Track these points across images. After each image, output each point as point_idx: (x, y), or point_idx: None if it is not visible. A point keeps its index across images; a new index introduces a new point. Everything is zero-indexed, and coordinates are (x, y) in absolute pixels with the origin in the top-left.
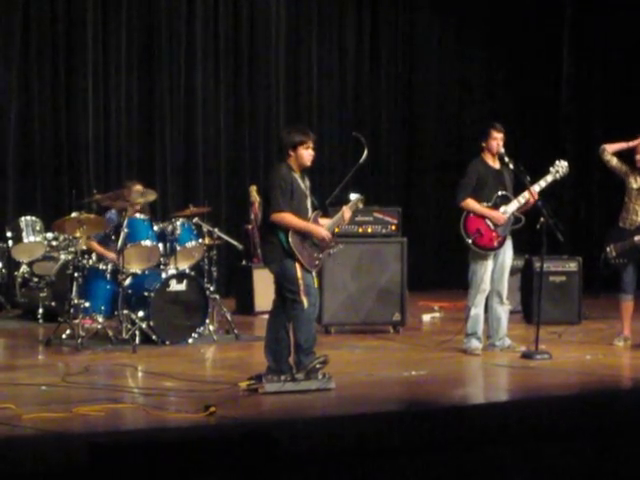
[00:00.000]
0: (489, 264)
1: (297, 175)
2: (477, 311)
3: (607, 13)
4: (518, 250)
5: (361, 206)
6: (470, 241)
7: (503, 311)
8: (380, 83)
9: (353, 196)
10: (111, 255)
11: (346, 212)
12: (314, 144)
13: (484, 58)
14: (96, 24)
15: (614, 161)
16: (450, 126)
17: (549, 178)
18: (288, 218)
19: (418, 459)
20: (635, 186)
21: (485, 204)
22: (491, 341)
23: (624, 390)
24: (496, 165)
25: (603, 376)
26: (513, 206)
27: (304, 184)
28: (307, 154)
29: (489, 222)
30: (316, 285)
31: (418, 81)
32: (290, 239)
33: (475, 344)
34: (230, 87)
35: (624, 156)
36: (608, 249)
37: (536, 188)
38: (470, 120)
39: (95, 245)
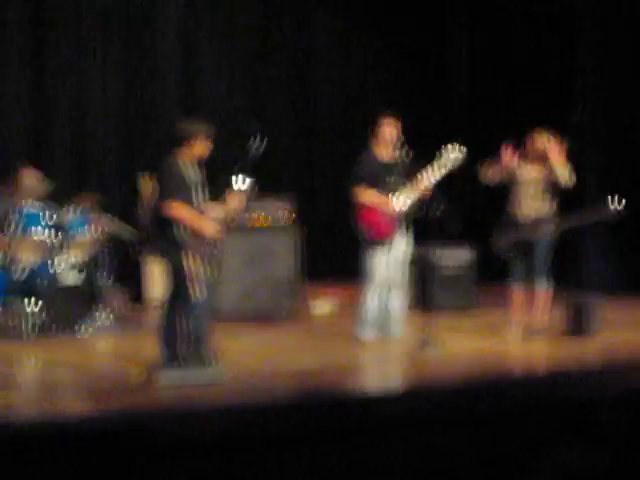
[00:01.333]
0: (384, 254)
1: (189, 166)
2: (372, 302)
3: None
4: (413, 240)
5: (247, 190)
6: (364, 233)
7: (398, 301)
8: (275, 67)
9: (243, 181)
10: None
11: (235, 199)
12: (210, 136)
13: (377, 46)
14: None
15: (496, 178)
16: (346, 114)
17: (443, 170)
18: (177, 208)
19: (308, 450)
20: (528, 178)
21: (378, 194)
22: (385, 330)
23: (515, 379)
24: (389, 154)
25: (494, 365)
26: (407, 195)
27: (196, 175)
28: (201, 146)
29: (382, 212)
30: (207, 275)
31: (314, 60)
32: (182, 230)
33: (368, 333)
34: (122, 71)
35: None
36: (494, 241)
37: (431, 179)
38: (366, 108)
39: None
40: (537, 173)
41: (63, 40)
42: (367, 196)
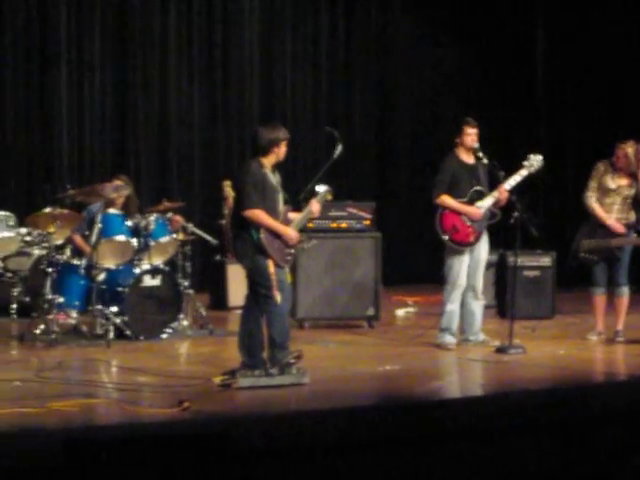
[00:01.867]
0: (465, 259)
1: (268, 171)
2: (452, 307)
3: (581, 6)
4: (492, 245)
5: (330, 198)
6: (446, 237)
7: (478, 306)
8: (354, 78)
9: (321, 188)
10: (89, 250)
11: (314, 205)
12: (288, 141)
13: (458, 52)
14: (69, 16)
15: (591, 192)
16: (424, 121)
17: (524, 172)
18: (260, 216)
19: (391, 454)
20: (613, 186)
21: (460, 200)
22: (465, 336)
23: (597, 385)
24: (470, 160)
25: (576, 371)
26: (488, 201)
27: (275, 179)
28: (281, 152)
29: (464, 218)
30: (289, 280)
31: (392, 76)
32: (261, 235)
33: (449, 339)
34: (204, 82)
35: (603, 154)
36: (580, 245)
37: (511, 183)
38: (444, 115)
39: (78, 239)
40: (625, 182)
41: (146, 51)
42: (451, 201)
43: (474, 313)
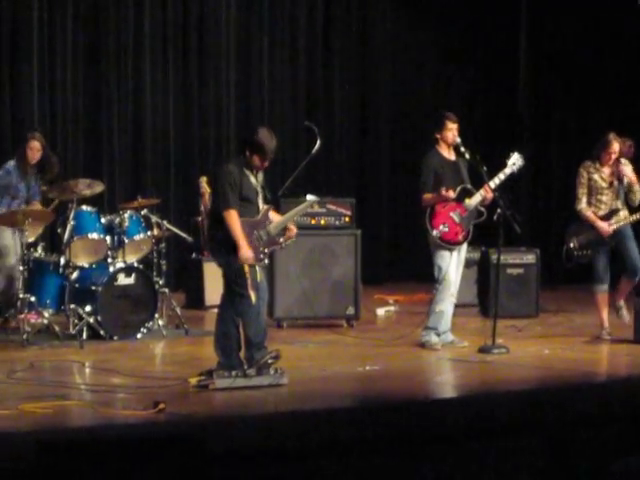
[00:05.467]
0: (452, 259)
1: (248, 171)
2: (442, 307)
3: (565, 5)
4: (475, 242)
5: (315, 207)
6: (437, 235)
7: (450, 305)
8: (334, 71)
9: (310, 197)
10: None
11: (291, 224)
12: (271, 160)
13: (439, 49)
14: (41, 14)
15: (583, 202)
16: (404, 118)
17: (507, 171)
18: (232, 219)
19: (372, 455)
20: (604, 184)
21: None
22: (445, 336)
23: (583, 385)
24: (452, 156)
25: (561, 370)
26: (476, 199)
27: (256, 179)
28: (263, 162)
29: (454, 216)
30: (260, 279)
31: (371, 71)
32: None
33: (435, 339)
34: (179, 77)
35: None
36: (571, 243)
37: (496, 181)
38: (426, 111)
39: None
40: (611, 176)
41: (120, 48)
42: (431, 196)
43: (447, 312)
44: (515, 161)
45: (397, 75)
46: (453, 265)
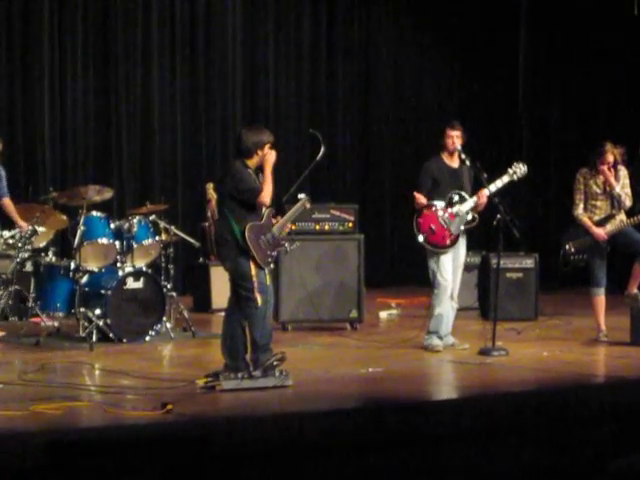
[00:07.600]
0: (448, 260)
1: (253, 174)
2: (441, 310)
3: (564, 11)
4: (475, 247)
5: (308, 206)
6: (422, 239)
7: (452, 309)
8: (337, 80)
9: (301, 196)
10: (21, 223)
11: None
12: (272, 144)
13: (441, 55)
14: (52, 20)
15: (580, 207)
16: (408, 123)
17: (505, 179)
18: (268, 193)
19: (376, 456)
20: (599, 190)
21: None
22: (447, 339)
23: (581, 387)
24: (454, 164)
25: (560, 373)
26: (467, 205)
27: (257, 181)
28: (266, 155)
29: (442, 221)
30: (268, 282)
31: (375, 78)
32: (246, 234)
33: (436, 341)
34: (186, 84)
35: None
36: (567, 247)
37: (492, 189)
38: (428, 118)
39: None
40: (605, 183)
41: (129, 54)
42: (416, 200)
43: (448, 316)
44: (516, 170)
45: (399, 80)
46: (450, 269)
